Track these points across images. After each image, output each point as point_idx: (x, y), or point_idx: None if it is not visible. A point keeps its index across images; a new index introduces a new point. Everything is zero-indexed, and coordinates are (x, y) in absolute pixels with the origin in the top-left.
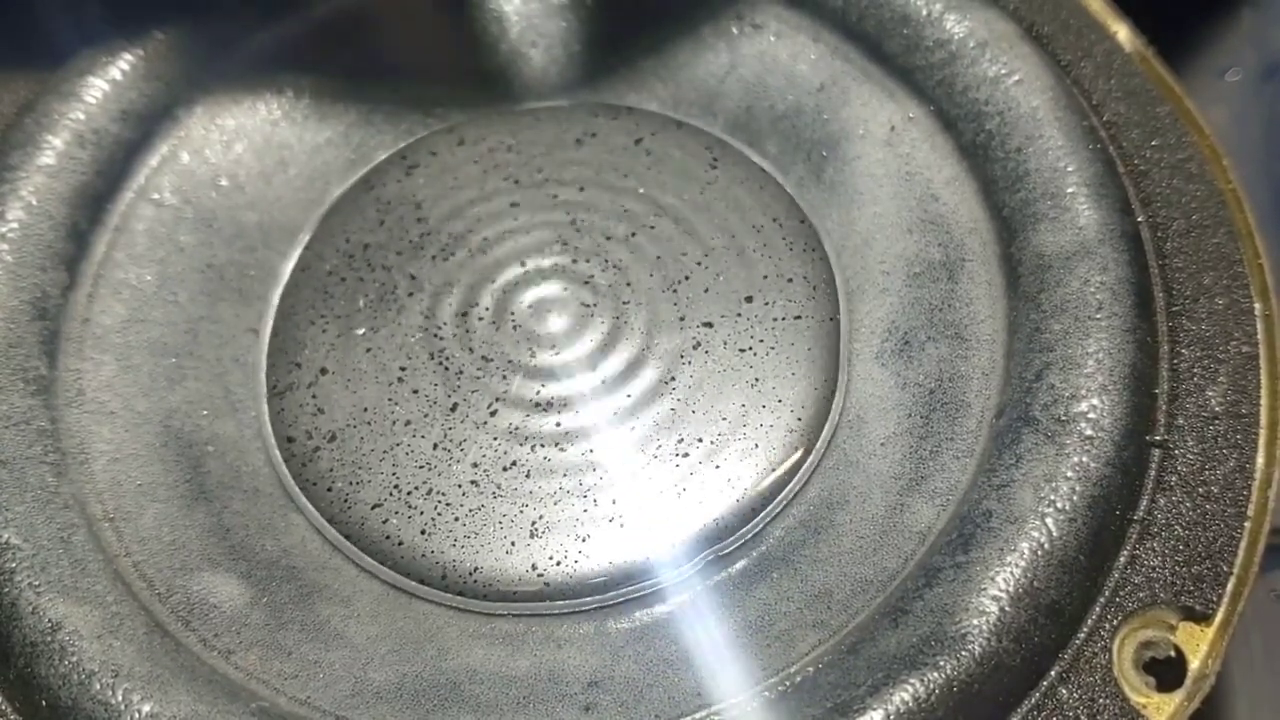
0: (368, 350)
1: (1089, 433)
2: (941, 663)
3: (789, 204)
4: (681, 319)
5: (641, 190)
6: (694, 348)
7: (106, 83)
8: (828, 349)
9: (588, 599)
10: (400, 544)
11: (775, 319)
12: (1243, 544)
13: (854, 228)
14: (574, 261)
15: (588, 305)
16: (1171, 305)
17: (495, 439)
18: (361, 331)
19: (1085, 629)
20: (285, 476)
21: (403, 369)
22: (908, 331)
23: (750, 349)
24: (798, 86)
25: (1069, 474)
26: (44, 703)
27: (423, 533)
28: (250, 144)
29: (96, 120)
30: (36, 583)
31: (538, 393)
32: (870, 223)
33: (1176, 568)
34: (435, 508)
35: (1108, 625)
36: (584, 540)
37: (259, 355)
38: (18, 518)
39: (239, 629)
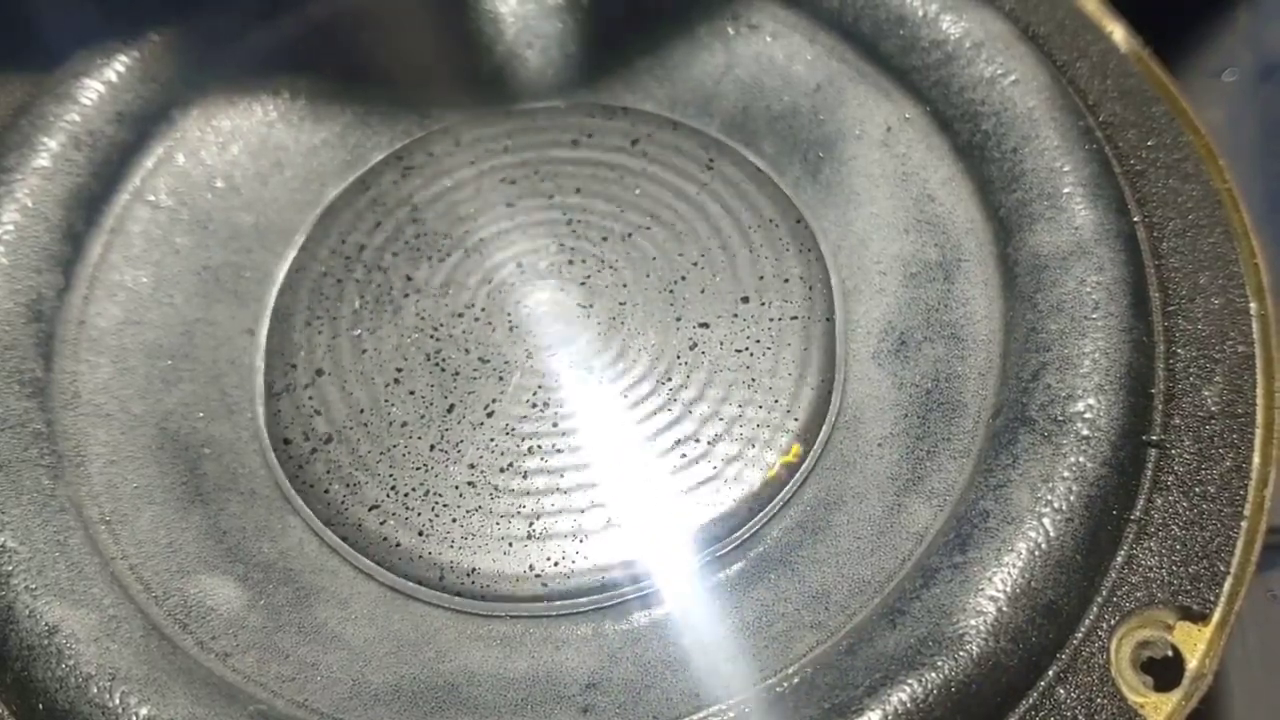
0: (364, 352)
1: (1085, 433)
2: (939, 663)
3: (785, 204)
4: (678, 319)
5: (638, 191)
6: (690, 348)
7: (102, 85)
8: (824, 349)
9: (585, 600)
10: (398, 545)
11: (772, 319)
12: (1239, 543)
13: (850, 228)
14: (570, 262)
15: (584, 306)
16: (1168, 305)
17: (492, 440)
18: (358, 333)
19: (1083, 629)
20: (282, 478)
21: (399, 370)
22: (904, 332)
23: (747, 349)
24: (794, 87)
25: (1066, 474)
26: (41, 706)
27: (420, 534)
28: (246, 146)
29: (92, 122)
30: (33, 586)
31: (534, 393)
32: (867, 223)
33: (1174, 567)
34: (432, 509)
35: (1105, 625)
36: (581, 541)
37: (255, 357)
38: (14, 521)
39: (236, 631)
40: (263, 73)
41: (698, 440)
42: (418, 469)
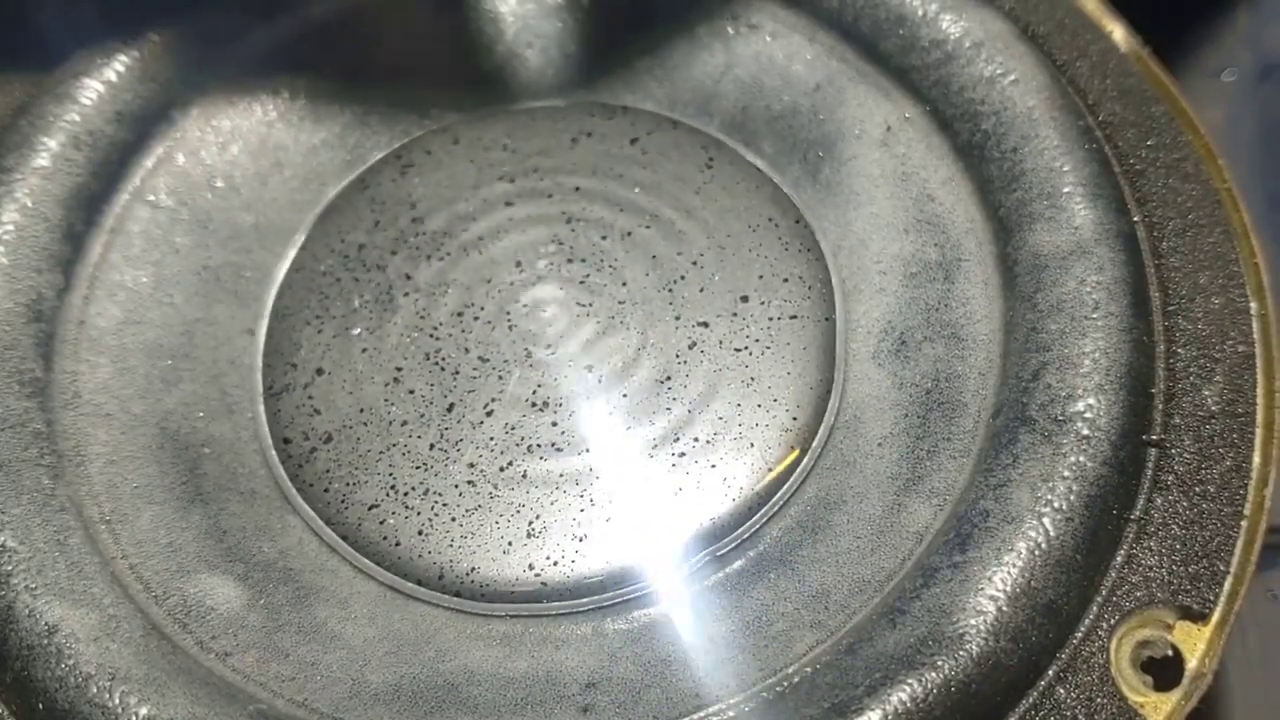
0: (364, 351)
1: (1085, 432)
2: (939, 663)
3: (785, 204)
4: (677, 318)
5: (637, 190)
6: (690, 347)
7: (102, 84)
8: (824, 349)
9: (585, 599)
10: (397, 544)
11: (771, 319)
12: (1239, 543)
13: (850, 228)
14: (570, 261)
15: (583, 305)
16: (1168, 304)
17: (492, 439)
18: (357, 332)
19: (1082, 628)
20: (282, 478)
21: (399, 369)
22: (904, 331)
23: (746, 349)
24: (793, 86)
25: (1066, 473)
26: (41, 705)
27: (420, 533)
28: (246, 145)
29: (92, 122)
30: (33, 585)
31: (534, 393)
32: (866, 223)
33: (1174, 567)
34: (432, 508)
35: (1105, 625)
36: (581, 540)
37: (255, 356)
38: (14, 520)
39: (236, 631)
40: (262, 73)
41: (697, 439)
42: (417, 468)
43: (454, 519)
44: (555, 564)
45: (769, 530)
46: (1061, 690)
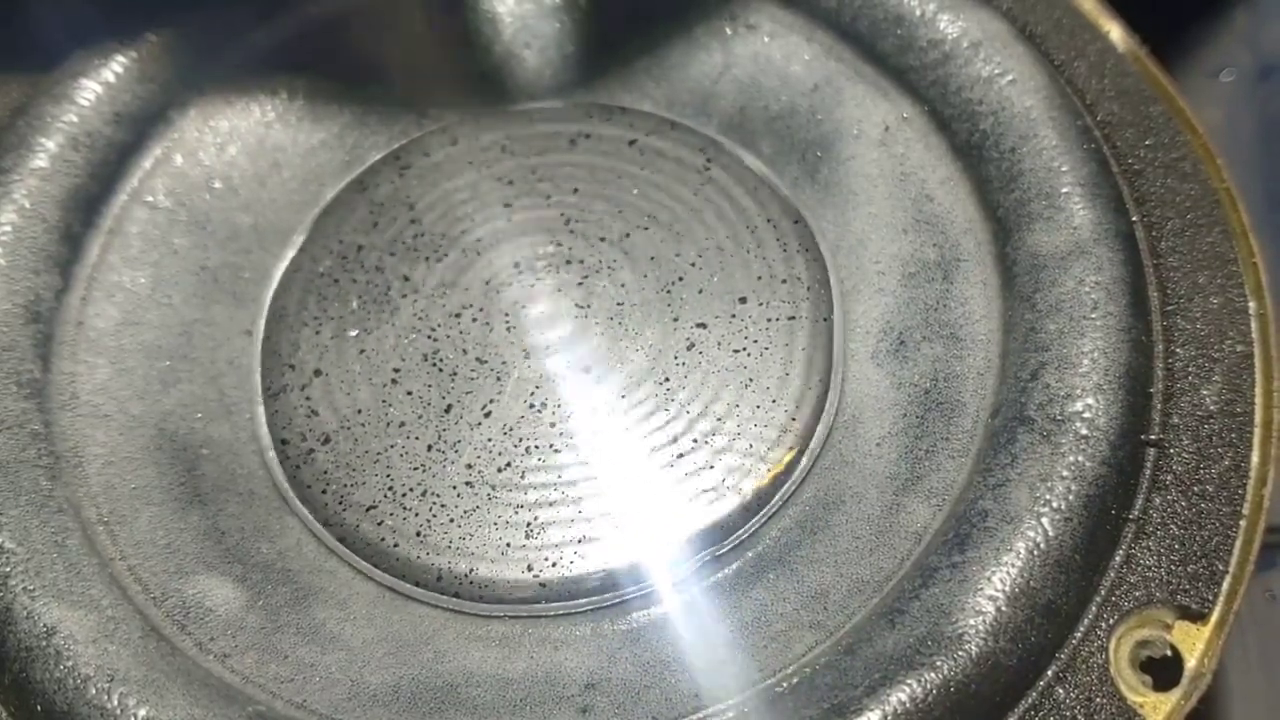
0: (361, 352)
1: (1084, 432)
2: (938, 663)
3: (783, 204)
4: (675, 320)
5: (635, 191)
6: (688, 348)
7: (100, 85)
8: (822, 349)
9: (584, 600)
10: (395, 546)
11: (770, 319)
12: (1238, 543)
13: (849, 228)
14: (568, 262)
15: (581, 306)
16: (1166, 304)
17: (490, 440)
18: (355, 333)
19: (1082, 628)
20: (280, 479)
21: (396, 370)
22: (903, 331)
23: (745, 350)
24: (792, 87)
25: (1064, 473)
26: (39, 707)
27: (418, 535)
28: (244, 146)
29: (90, 123)
30: (31, 587)
31: (532, 394)
32: (865, 223)
33: (1172, 567)
34: (430, 509)
35: (1104, 625)
36: (579, 541)
37: (253, 357)
38: (12, 522)
39: (234, 632)
40: (260, 73)
41: (695, 440)
42: (415, 469)
43: (452, 520)
44: (554, 565)
45: (768, 530)
46: (1061, 690)
